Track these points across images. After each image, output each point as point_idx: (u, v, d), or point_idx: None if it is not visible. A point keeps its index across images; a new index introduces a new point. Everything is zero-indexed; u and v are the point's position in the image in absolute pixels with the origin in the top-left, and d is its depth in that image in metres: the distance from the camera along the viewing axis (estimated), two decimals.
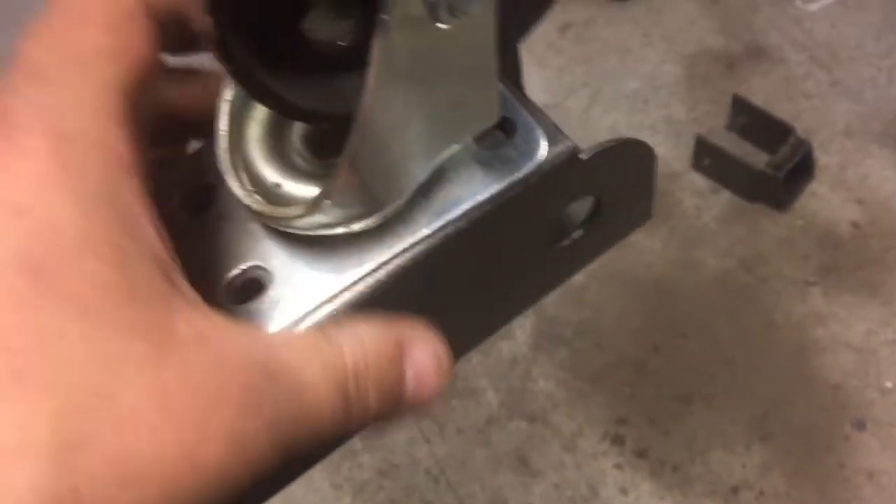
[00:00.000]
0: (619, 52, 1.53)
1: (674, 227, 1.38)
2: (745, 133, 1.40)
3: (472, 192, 0.28)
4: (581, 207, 0.33)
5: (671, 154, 1.42)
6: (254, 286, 0.27)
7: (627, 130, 1.45)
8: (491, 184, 0.28)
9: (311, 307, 0.27)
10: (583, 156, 0.29)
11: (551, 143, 0.29)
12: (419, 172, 0.27)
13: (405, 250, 0.27)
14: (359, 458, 1.28)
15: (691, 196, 1.40)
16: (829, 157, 1.39)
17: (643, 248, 1.37)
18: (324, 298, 0.27)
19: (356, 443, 1.32)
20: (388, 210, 0.27)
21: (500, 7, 0.24)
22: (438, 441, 1.30)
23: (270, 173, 0.27)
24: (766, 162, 1.33)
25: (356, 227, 0.27)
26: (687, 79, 1.48)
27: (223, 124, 0.27)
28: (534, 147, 0.29)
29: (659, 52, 1.49)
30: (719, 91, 1.46)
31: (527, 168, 0.28)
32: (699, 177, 1.40)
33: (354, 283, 0.27)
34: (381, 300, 0.27)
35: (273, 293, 0.27)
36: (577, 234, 0.33)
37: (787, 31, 1.50)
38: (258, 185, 0.27)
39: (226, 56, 0.23)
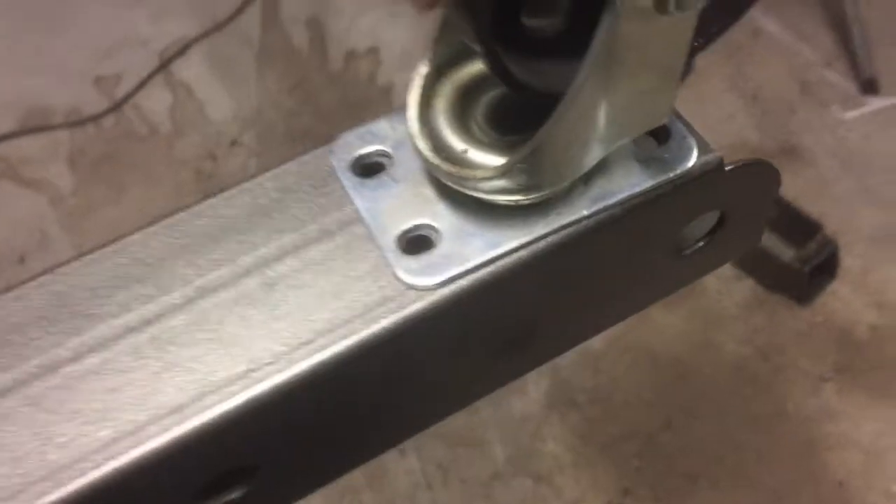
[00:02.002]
0: None
1: (695, 308, 1.40)
2: (772, 226, 1.43)
3: (629, 185, 0.31)
4: (700, 225, 0.36)
5: None
6: (422, 242, 0.30)
7: None
8: (646, 180, 0.31)
9: (474, 265, 0.29)
10: (727, 167, 0.32)
11: (701, 151, 0.31)
12: (592, 158, 0.29)
13: (564, 227, 0.30)
14: (361, 495, 1.28)
15: (715, 280, 1.42)
16: (853, 260, 1.42)
17: (663, 324, 1.39)
18: (487, 259, 0.29)
19: (359, 479, 1.32)
20: (556, 188, 0.29)
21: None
22: (441, 488, 1.30)
23: (456, 141, 0.30)
24: (793, 256, 1.36)
25: (527, 199, 0.29)
26: None
27: (414, 96, 0.30)
28: (686, 153, 0.31)
29: None
30: None
31: (679, 169, 0.31)
32: None
33: (516, 250, 0.29)
34: (536, 271, 0.30)
35: (442, 249, 0.29)
36: (699, 244, 0.35)
37: (822, 135, 1.55)
38: (442, 151, 0.30)
39: (483, 25, 0.25)
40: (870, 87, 1.58)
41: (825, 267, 1.38)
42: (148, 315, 0.28)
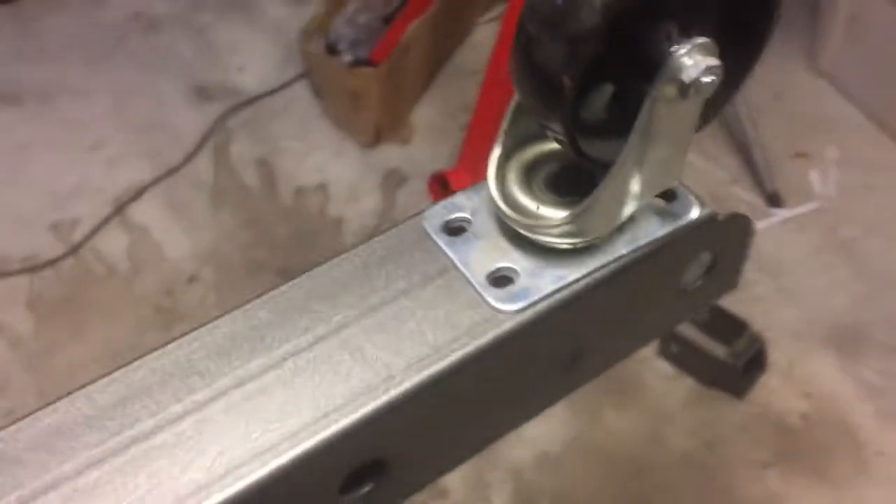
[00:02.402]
0: None
1: (643, 408, 1.50)
2: (704, 327, 1.56)
3: (651, 231, 0.41)
4: (697, 269, 0.46)
5: None
6: (505, 279, 0.39)
7: None
8: (663, 227, 0.41)
9: (547, 293, 0.38)
10: (719, 217, 0.42)
11: (700, 207, 0.42)
12: (628, 211, 0.39)
13: (609, 263, 0.40)
14: None
15: (658, 380, 1.53)
16: (779, 355, 1.55)
17: (614, 424, 1.48)
18: (555, 289, 0.39)
19: None
20: (603, 234, 0.39)
21: None
22: None
23: (527, 202, 0.40)
24: (725, 353, 1.48)
25: (583, 242, 0.39)
26: None
27: (492, 172, 0.40)
28: (690, 207, 0.42)
29: None
30: None
31: (686, 219, 0.41)
32: (664, 363, 1.54)
33: (576, 281, 0.39)
34: (590, 297, 0.39)
35: (520, 283, 0.39)
36: (698, 283, 0.45)
37: None
38: (517, 210, 0.40)
39: (568, 113, 0.36)
40: (774, 200, 1.76)
41: (755, 362, 1.50)
42: (304, 344, 0.37)
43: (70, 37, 2.13)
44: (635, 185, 0.39)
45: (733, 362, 1.46)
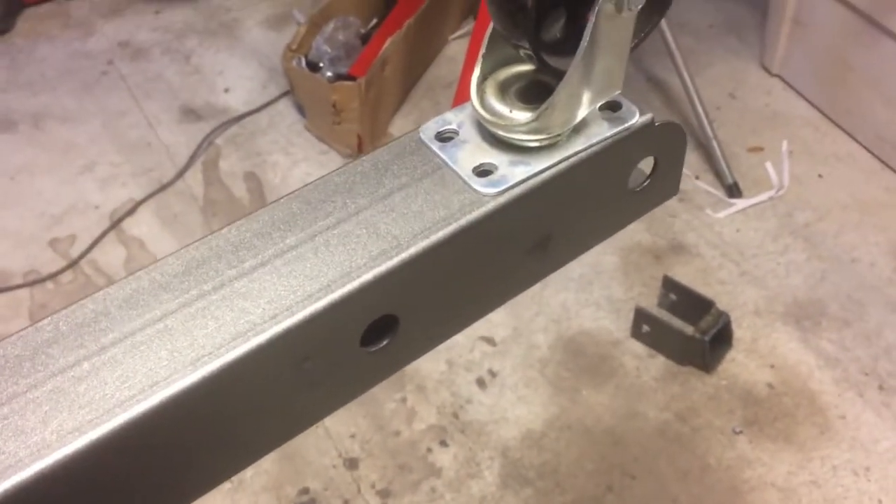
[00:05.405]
0: None
1: (618, 385, 1.60)
2: (673, 309, 1.66)
3: (602, 132, 0.51)
4: (641, 175, 0.56)
5: (614, 325, 1.67)
6: (487, 172, 0.49)
7: (576, 307, 1.71)
8: (611, 129, 0.51)
9: (520, 179, 0.48)
10: (657, 122, 0.52)
11: (641, 114, 0.52)
12: (581, 113, 0.49)
13: (569, 157, 0.50)
14: None
15: (632, 359, 1.63)
16: (743, 331, 1.66)
17: (593, 402, 1.58)
18: (526, 177, 0.49)
19: None
20: (563, 132, 0.49)
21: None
22: None
23: (502, 108, 0.50)
24: (694, 329, 1.59)
25: (547, 139, 0.49)
26: (623, 266, 1.76)
27: (474, 88, 0.50)
28: (632, 114, 0.52)
29: (600, 245, 1.78)
30: (649, 276, 1.74)
31: (630, 122, 0.51)
32: (637, 344, 1.65)
33: (543, 171, 0.49)
34: (554, 185, 0.49)
35: (499, 174, 0.49)
36: (644, 183, 0.55)
37: (702, 232, 1.82)
38: (494, 116, 0.50)
39: (533, 29, 0.46)
40: (733, 191, 1.88)
41: (722, 336, 1.61)
42: (329, 224, 0.46)
43: (60, 66, 2.22)
44: (586, 90, 0.49)
45: (701, 337, 1.57)
